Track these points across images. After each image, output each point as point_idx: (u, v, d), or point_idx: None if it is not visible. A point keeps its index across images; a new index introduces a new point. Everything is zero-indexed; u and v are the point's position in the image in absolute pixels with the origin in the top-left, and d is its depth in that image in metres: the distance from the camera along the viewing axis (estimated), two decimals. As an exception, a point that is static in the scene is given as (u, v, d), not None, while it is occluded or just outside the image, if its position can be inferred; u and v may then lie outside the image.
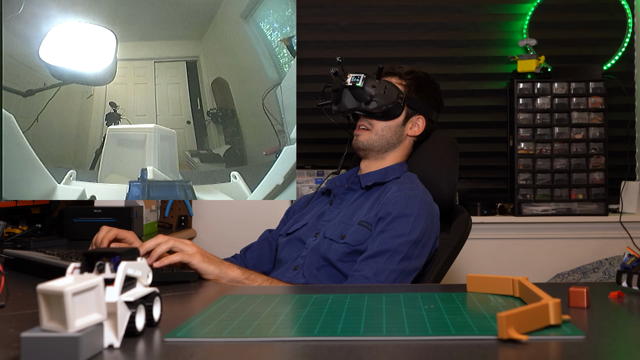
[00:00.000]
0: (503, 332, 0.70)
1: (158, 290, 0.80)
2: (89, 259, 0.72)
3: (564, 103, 2.58)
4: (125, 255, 0.74)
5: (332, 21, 2.82)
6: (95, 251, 0.73)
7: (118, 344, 0.70)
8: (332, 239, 1.49)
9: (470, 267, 2.61)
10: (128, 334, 0.72)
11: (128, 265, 0.73)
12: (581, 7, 2.78)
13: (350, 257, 1.45)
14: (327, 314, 0.86)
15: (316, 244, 1.50)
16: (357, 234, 1.46)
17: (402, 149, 1.67)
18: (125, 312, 0.72)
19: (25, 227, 1.94)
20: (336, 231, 1.50)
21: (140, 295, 0.75)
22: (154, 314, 0.78)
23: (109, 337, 0.70)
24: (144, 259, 0.79)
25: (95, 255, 0.73)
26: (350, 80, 1.59)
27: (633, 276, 0.98)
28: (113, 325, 0.70)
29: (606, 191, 2.58)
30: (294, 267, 1.52)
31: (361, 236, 1.46)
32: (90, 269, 0.72)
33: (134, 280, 0.76)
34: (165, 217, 2.58)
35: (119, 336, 0.70)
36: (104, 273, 0.71)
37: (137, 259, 0.76)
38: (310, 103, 2.63)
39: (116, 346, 0.70)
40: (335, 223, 1.53)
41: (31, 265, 1.31)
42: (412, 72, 1.67)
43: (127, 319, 0.72)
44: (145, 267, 0.78)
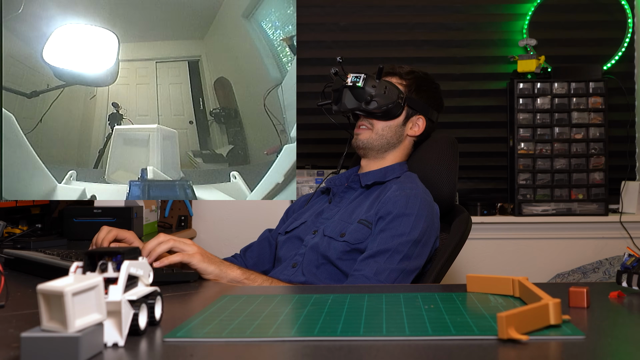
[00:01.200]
0: (503, 332, 0.70)
1: (159, 290, 0.80)
2: (92, 259, 0.73)
3: (564, 103, 2.58)
4: (127, 254, 0.74)
5: (332, 21, 2.82)
6: (98, 250, 0.73)
7: (122, 342, 0.70)
8: (332, 236, 1.49)
9: (470, 267, 2.61)
10: (130, 332, 0.72)
11: (131, 265, 0.73)
12: (581, 7, 2.78)
13: (350, 256, 1.45)
14: (327, 314, 0.86)
15: (315, 242, 1.50)
16: (357, 233, 1.47)
17: (402, 148, 1.67)
18: (129, 311, 0.72)
19: (25, 227, 1.94)
20: (336, 229, 1.50)
21: (142, 294, 0.75)
22: (155, 313, 0.79)
23: (113, 336, 0.70)
24: (145, 259, 0.79)
25: (97, 254, 0.73)
26: (350, 80, 1.59)
27: (633, 276, 0.98)
28: (117, 324, 0.70)
29: (606, 191, 2.58)
30: (293, 265, 1.52)
31: (361, 235, 1.46)
32: (93, 269, 0.72)
33: (136, 280, 0.76)
34: (165, 217, 2.58)
35: (123, 334, 0.70)
36: (106, 272, 0.72)
37: (138, 259, 0.77)
38: (310, 103, 2.63)
39: (120, 344, 0.70)
40: (335, 221, 1.53)
41: (31, 265, 1.31)
42: (412, 72, 1.67)
43: (131, 318, 0.72)
44: (147, 266, 0.78)
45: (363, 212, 1.52)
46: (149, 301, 0.77)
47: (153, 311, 0.78)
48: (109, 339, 0.70)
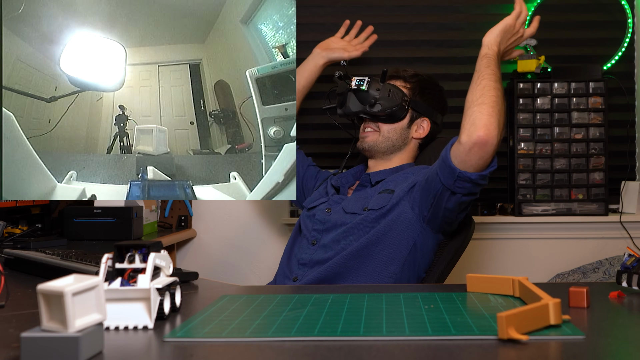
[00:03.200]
0: (503, 332, 0.70)
1: (178, 279, 0.89)
2: (120, 251, 0.82)
3: (564, 103, 2.58)
4: (152, 247, 0.83)
5: (332, 21, 2.82)
6: (125, 244, 0.82)
7: (152, 325, 0.79)
8: (354, 212, 1.53)
9: (471, 267, 2.61)
10: (157, 317, 0.81)
11: (156, 256, 0.82)
12: (581, 7, 2.78)
13: (375, 222, 1.48)
14: (327, 314, 0.86)
15: (334, 219, 1.54)
16: (380, 200, 1.51)
17: (407, 151, 1.68)
18: (157, 297, 0.80)
19: (25, 227, 1.94)
20: (356, 205, 1.54)
21: (165, 283, 0.83)
22: (176, 300, 0.87)
23: (143, 319, 0.79)
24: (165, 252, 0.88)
25: (125, 247, 0.82)
26: (354, 83, 1.60)
27: (633, 276, 0.98)
28: (147, 309, 0.79)
29: (606, 191, 2.58)
30: (312, 242, 1.55)
31: (383, 200, 1.50)
32: (122, 260, 0.81)
33: (159, 270, 0.85)
34: (165, 217, 2.58)
35: (152, 318, 0.79)
36: (134, 263, 0.81)
37: (161, 251, 0.85)
38: (310, 103, 2.63)
39: (150, 327, 0.78)
40: (353, 200, 1.57)
41: (31, 265, 1.31)
42: (416, 75, 1.68)
43: (158, 303, 0.81)
44: (168, 258, 0.87)
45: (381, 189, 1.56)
46: (171, 290, 0.85)
47: (174, 298, 0.86)
48: (140, 322, 0.78)
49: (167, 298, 0.83)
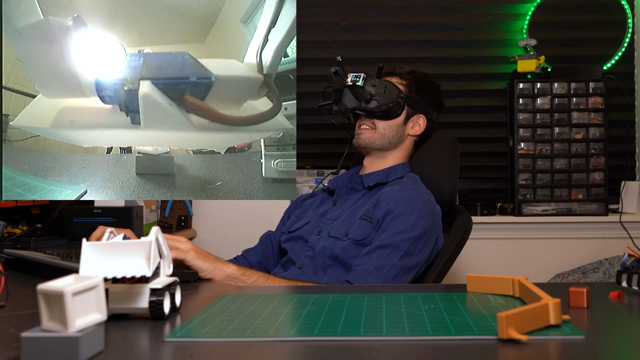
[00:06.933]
0: (503, 332, 0.70)
1: (178, 280, 0.89)
2: None
3: (564, 103, 2.58)
4: None
5: (332, 21, 2.82)
6: None
7: (149, 273, 0.79)
8: (337, 237, 1.49)
9: (470, 267, 2.61)
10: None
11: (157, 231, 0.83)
12: (581, 7, 2.78)
13: (357, 251, 1.46)
14: (327, 314, 0.86)
15: (322, 245, 1.50)
16: (360, 229, 1.47)
17: (403, 148, 1.67)
18: (157, 251, 0.82)
19: (25, 227, 1.94)
20: (340, 230, 1.51)
21: (165, 283, 0.84)
22: (176, 300, 0.87)
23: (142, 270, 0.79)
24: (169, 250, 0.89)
25: None
26: (350, 79, 1.59)
27: (633, 276, 0.98)
28: (147, 260, 0.80)
29: (606, 191, 2.58)
30: (299, 266, 1.53)
31: (364, 230, 1.47)
32: None
33: (158, 270, 0.85)
34: (165, 217, 2.58)
35: (150, 269, 0.79)
36: None
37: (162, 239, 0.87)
38: (310, 103, 2.63)
39: (148, 275, 0.79)
40: (339, 222, 1.54)
41: (31, 265, 1.31)
42: (412, 72, 1.67)
43: (158, 257, 0.83)
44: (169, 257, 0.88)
45: (364, 209, 1.52)
46: (171, 290, 0.86)
47: (174, 299, 0.86)
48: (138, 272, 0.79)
49: (167, 298, 0.83)
